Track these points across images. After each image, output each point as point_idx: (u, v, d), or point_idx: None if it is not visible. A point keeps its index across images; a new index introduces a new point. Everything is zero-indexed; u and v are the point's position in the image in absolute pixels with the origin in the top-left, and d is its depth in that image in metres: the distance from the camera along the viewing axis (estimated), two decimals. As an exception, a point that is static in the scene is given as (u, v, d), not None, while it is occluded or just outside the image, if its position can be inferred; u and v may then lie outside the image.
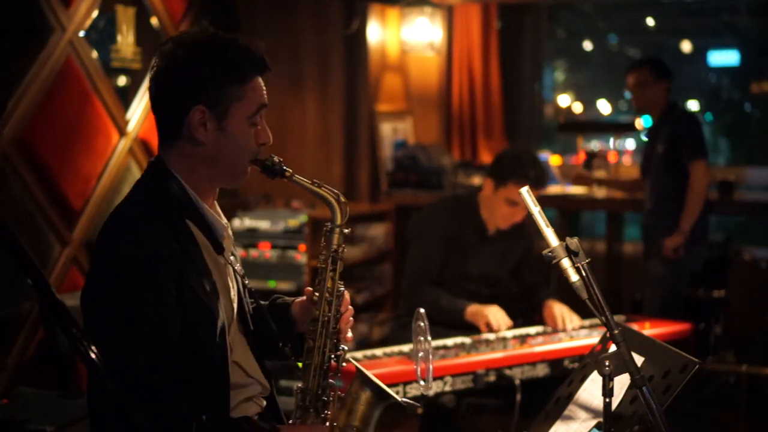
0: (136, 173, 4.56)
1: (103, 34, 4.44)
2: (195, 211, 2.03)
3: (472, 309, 3.64)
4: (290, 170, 2.09)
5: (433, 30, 6.42)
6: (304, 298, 2.19)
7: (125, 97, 4.58)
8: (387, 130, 6.29)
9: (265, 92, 2.06)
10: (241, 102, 2.00)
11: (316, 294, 2.11)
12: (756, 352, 5.04)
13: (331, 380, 2.08)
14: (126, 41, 4.51)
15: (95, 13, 4.27)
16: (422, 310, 2.27)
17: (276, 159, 2.08)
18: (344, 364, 2.11)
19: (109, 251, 1.95)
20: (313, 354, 2.08)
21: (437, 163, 6.12)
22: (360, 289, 5.59)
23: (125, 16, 4.51)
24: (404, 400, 2.15)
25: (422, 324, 2.23)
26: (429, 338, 2.22)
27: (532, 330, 3.64)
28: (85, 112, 4.25)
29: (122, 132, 4.47)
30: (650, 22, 8.54)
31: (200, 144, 2.00)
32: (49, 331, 3.67)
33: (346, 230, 2.13)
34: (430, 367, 2.18)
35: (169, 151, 2.04)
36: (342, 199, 2.12)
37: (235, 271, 2.14)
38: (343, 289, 2.13)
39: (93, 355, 1.50)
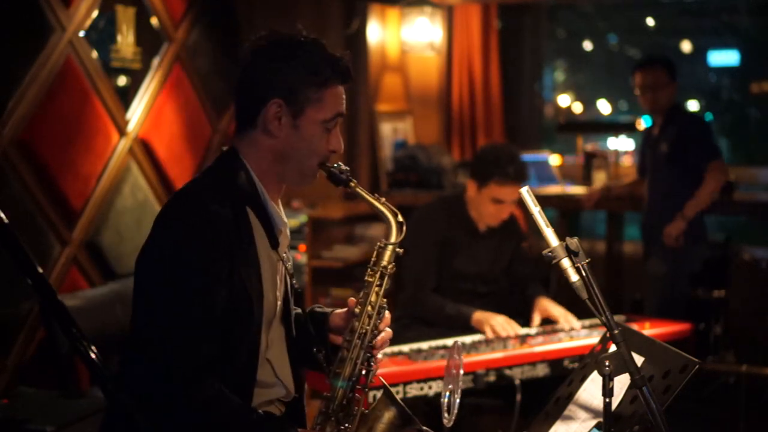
0: (136, 173, 4.56)
1: (103, 34, 4.44)
2: (258, 201, 2.08)
3: (479, 316, 3.63)
4: (355, 181, 2.14)
5: (433, 30, 6.42)
6: (344, 309, 2.21)
7: (125, 97, 4.58)
8: (387, 130, 6.29)
9: (344, 102, 2.12)
10: (318, 105, 2.07)
11: (359, 306, 2.12)
12: (756, 352, 5.03)
13: (357, 394, 2.08)
14: (126, 41, 4.51)
15: (95, 13, 4.27)
16: (459, 343, 2.24)
17: (344, 167, 2.13)
18: (373, 379, 2.11)
19: (170, 224, 2.01)
20: (345, 364, 2.08)
21: (437, 163, 6.12)
22: (360, 289, 5.59)
23: (125, 16, 4.51)
24: (426, 429, 2.14)
25: (456, 357, 2.19)
26: (462, 372, 2.18)
27: (532, 330, 3.64)
28: (85, 112, 4.25)
29: (122, 132, 4.47)
30: (650, 22, 8.54)
31: (273, 136, 2.06)
32: (49, 331, 3.67)
33: (399, 250, 2.16)
34: (458, 400, 2.14)
35: (242, 141, 2.10)
36: (400, 217, 2.16)
37: (286, 269, 2.16)
38: (385, 306, 2.14)
39: (93, 355, 1.51)
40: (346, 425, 2.07)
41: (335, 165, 2.13)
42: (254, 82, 2.08)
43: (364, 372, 2.10)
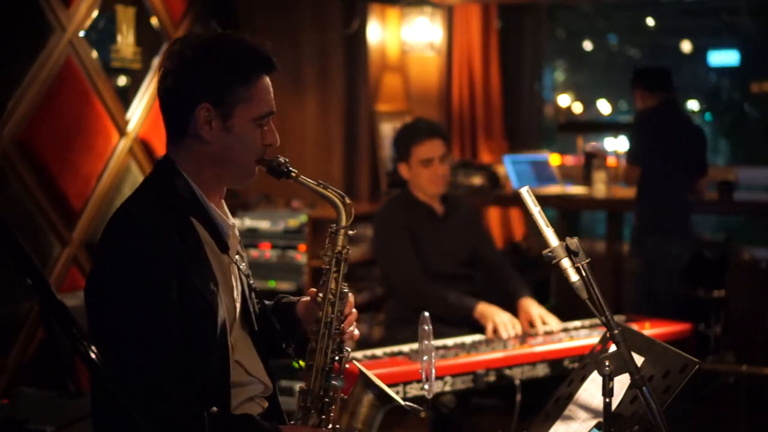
0: (136, 173, 4.56)
1: (103, 34, 4.44)
2: (200, 209, 2.04)
3: (482, 309, 3.61)
4: (296, 171, 2.09)
5: (433, 30, 6.42)
6: (308, 298, 2.19)
7: (125, 97, 4.58)
8: (387, 130, 6.29)
9: (272, 97, 2.07)
10: (247, 103, 2.02)
11: (320, 295, 2.10)
12: (756, 352, 5.04)
13: (333, 382, 2.08)
14: (126, 41, 4.51)
15: (95, 13, 4.27)
16: (426, 314, 2.26)
17: (282, 159, 2.09)
18: (347, 365, 2.11)
19: (112, 247, 1.97)
20: (315, 355, 2.07)
21: (437, 163, 6.11)
22: (360, 289, 5.59)
23: (125, 16, 4.51)
24: (407, 403, 2.15)
25: (426, 327, 2.22)
26: (432, 342, 2.21)
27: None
28: (85, 112, 4.25)
29: (122, 132, 4.47)
30: (650, 22, 8.54)
31: (206, 142, 2.02)
32: (49, 331, 3.67)
33: (351, 232, 2.13)
34: (433, 370, 2.17)
35: (176, 150, 2.06)
36: (347, 200, 2.12)
37: (239, 270, 2.14)
38: (347, 290, 2.12)
39: (93, 355, 1.51)
40: (330, 414, 2.07)
41: (274, 158, 2.08)
42: (179, 89, 2.03)
43: (337, 359, 2.09)
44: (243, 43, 2.04)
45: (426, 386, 2.22)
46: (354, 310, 2.16)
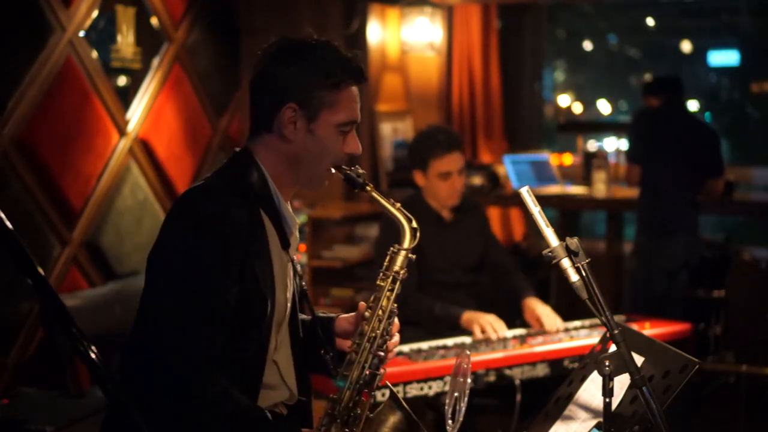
0: (136, 173, 4.56)
1: (103, 34, 4.44)
2: (271, 202, 2.07)
3: (468, 316, 3.63)
4: (372, 185, 2.14)
5: (433, 30, 6.42)
6: (353, 314, 2.21)
7: (125, 97, 4.58)
8: (387, 130, 6.29)
9: (358, 107, 2.12)
10: (332, 108, 2.06)
11: (369, 310, 2.12)
12: (756, 352, 5.04)
13: (363, 397, 2.08)
14: (126, 41, 4.51)
15: (95, 13, 4.27)
16: (468, 352, 2.22)
17: (360, 171, 2.13)
18: (379, 383, 2.11)
19: (182, 220, 2.00)
20: (353, 367, 2.08)
21: (437, 163, 6.11)
22: (360, 290, 5.59)
23: (125, 16, 4.51)
24: None
25: (465, 365, 2.18)
26: (470, 380, 2.16)
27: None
28: (85, 112, 4.25)
29: (122, 132, 4.47)
30: (650, 22, 8.54)
31: (288, 141, 2.06)
32: (49, 331, 3.67)
33: (411, 255, 2.17)
34: (463, 409, 2.13)
35: (257, 144, 2.10)
36: (414, 224, 2.17)
37: (295, 270, 2.16)
38: (396, 312, 2.14)
39: (93, 355, 1.50)
40: (352, 428, 2.07)
41: (351, 168, 2.13)
42: (268, 87, 2.08)
43: (371, 375, 2.10)
44: (336, 50, 2.10)
45: (449, 423, 2.16)
46: (398, 334, 2.17)
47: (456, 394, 2.15)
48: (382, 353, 2.11)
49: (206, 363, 1.92)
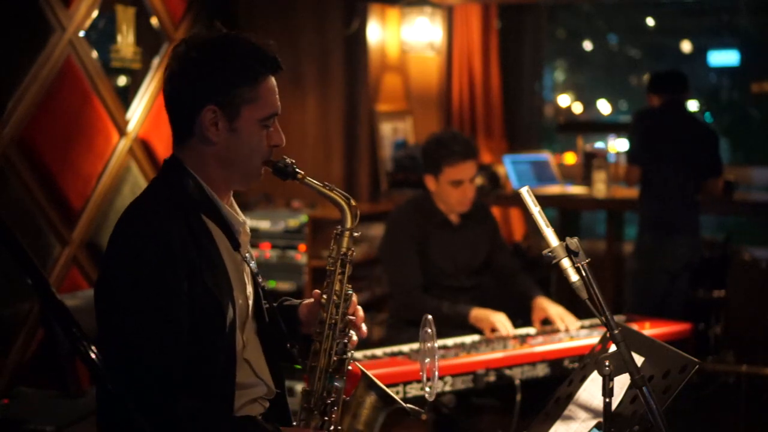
0: (136, 173, 4.56)
1: (103, 34, 4.44)
2: (211, 207, 2.04)
3: (477, 314, 3.63)
4: (302, 172, 2.09)
5: (433, 30, 6.42)
6: (312, 300, 2.18)
7: (125, 97, 4.58)
8: (387, 130, 6.29)
9: (277, 98, 2.07)
10: (252, 104, 2.02)
11: (324, 296, 2.10)
12: (756, 352, 5.04)
13: (336, 383, 2.07)
14: (126, 41, 4.51)
15: (95, 13, 4.27)
16: (429, 317, 2.25)
17: (288, 161, 2.09)
18: (350, 367, 2.11)
19: (122, 246, 1.97)
20: (319, 356, 2.07)
21: (437, 163, 6.11)
22: (360, 289, 5.60)
23: (125, 16, 4.51)
24: (409, 406, 2.15)
25: (429, 330, 2.21)
26: (436, 344, 2.20)
27: (532, 330, 3.64)
28: (85, 112, 4.25)
29: (122, 132, 4.47)
30: (650, 22, 8.53)
31: (212, 143, 2.02)
32: (49, 331, 3.67)
33: (355, 234, 2.13)
34: (436, 372, 2.16)
35: (183, 150, 2.06)
36: (352, 202, 2.12)
37: (251, 269, 2.14)
38: (351, 292, 2.12)
39: (93, 355, 1.50)
40: (332, 416, 2.07)
41: (280, 160, 2.08)
42: (185, 91, 2.02)
43: (338, 360, 2.08)
44: (248, 43, 2.03)
45: (427, 388, 2.21)
46: (359, 308, 2.16)
47: (427, 359, 2.18)
48: (346, 339, 2.10)
49: (165, 385, 1.90)
